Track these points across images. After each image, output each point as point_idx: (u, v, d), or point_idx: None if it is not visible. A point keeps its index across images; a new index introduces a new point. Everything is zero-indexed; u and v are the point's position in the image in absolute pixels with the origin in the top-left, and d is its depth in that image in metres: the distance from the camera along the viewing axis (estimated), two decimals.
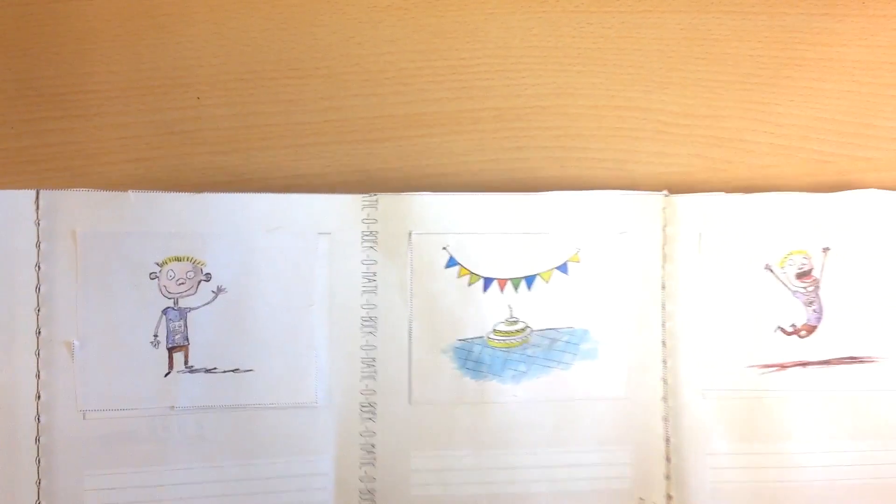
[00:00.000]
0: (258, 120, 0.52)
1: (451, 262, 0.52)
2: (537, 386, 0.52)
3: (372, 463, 0.51)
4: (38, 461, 0.48)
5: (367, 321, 0.51)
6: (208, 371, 0.50)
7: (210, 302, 0.50)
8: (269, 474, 0.50)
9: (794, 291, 0.53)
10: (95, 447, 0.49)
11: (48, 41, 0.52)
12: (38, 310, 0.48)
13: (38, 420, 0.48)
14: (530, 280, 0.52)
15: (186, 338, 0.50)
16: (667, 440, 0.53)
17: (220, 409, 0.50)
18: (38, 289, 0.48)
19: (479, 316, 0.52)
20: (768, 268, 0.52)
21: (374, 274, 0.52)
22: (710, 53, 0.54)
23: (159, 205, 0.49)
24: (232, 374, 0.50)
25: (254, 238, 0.50)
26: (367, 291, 0.51)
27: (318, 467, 0.51)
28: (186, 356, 0.50)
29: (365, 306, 0.51)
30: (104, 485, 0.49)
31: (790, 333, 0.52)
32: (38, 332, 0.48)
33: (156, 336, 0.49)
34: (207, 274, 0.50)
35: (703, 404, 0.52)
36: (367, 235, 0.51)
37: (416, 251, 0.52)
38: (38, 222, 0.49)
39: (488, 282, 0.52)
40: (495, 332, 0.52)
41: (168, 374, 0.49)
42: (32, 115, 0.51)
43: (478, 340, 0.52)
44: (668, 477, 0.52)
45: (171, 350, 0.49)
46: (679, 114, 0.54)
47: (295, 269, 0.51)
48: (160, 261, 0.49)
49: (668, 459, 0.52)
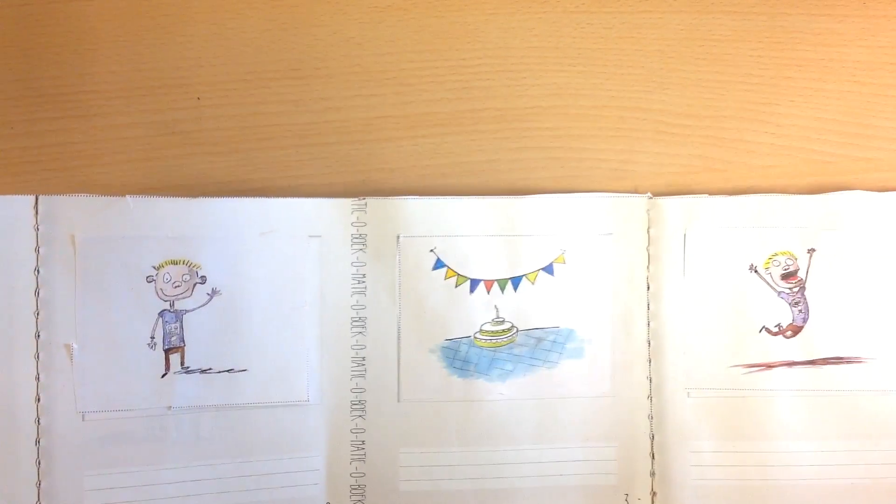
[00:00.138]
0: (259, 120, 0.53)
1: (439, 264, 0.52)
2: (524, 384, 0.53)
3: (362, 459, 0.52)
4: (38, 463, 0.49)
5: (356, 321, 0.52)
6: (204, 371, 0.51)
7: (205, 304, 0.51)
8: (262, 471, 0.51)
9: (780, 292, 0.53)
10: (94, 448, 0.50)
11: (48, 41, 0.52)
12: (37, 313, 0.49)
13: (38, 422, 0.49)
14: (516, 281, 0.53)
15: (182, 339, 0.50)
16: (652, 437, 0.53)
17: (215, 408, 0.51)
18: (37, 292, 0.49)
19: (467, 316, 0.52)
20: (753, 268, 0.53)
21: (364, 276, 0.52)
22: (711, 54, 0.54)
23: (156, 209, 0.50)
24: (226, 374, 0.51)
25: (247, 241, 0.51)
26: (356, 293, 0.52)
27: (309, 464, 0.52)
28: (182, 357, 0.50)
29: (355, 307, 0.52)
30: (103, 485, 0.50)
31: (776, 334, 0.53)
32: (38, 336, 0.49)
33: (152, 338, 0.50)
34: (202, 277, 0.51)
35: (688, 402, 0.53)
36: (357, 238, 0.52)
37: (405, 253, 0.52)
38: (37, 227, 0.49)
39: (475, 283, 0.53)
40: (482, 331, 0.53)
41: (165, 374, 0.50)
42: (32, 115, 0.52)
43: (465, 340, 0.53)
44: (652, 474, 0.53)
45: (168, 351, 0.50)
46: (679, 114, 0.54)
47: (287, 272, 0.52)
48: (157, 264, 0.50)
49: (652, 456, 0.53)
